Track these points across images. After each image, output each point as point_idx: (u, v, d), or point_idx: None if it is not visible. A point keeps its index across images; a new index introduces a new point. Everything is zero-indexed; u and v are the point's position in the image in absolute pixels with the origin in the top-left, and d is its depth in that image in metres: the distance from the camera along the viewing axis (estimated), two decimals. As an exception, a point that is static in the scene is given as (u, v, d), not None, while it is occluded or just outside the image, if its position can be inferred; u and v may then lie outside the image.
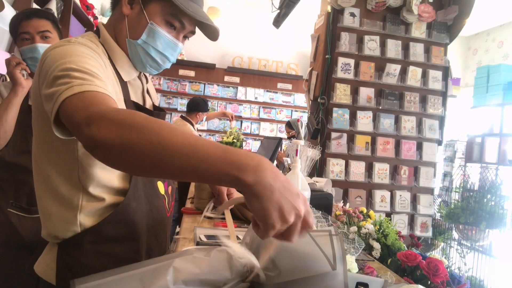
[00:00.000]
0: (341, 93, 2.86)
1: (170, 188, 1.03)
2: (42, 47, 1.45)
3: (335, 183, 2.74)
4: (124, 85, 0.88)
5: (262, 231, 0.55)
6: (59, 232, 0.83)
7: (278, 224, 0.53)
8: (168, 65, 0.95)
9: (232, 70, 5.68)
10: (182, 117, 3.64)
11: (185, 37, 0.95)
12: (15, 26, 1.47)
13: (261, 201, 0.52)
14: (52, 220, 0.83)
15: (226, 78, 5.75)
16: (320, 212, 1.16)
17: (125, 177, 0.86)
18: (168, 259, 0.73)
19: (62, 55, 0.73)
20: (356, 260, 1.08)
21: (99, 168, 0.81)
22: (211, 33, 0.95)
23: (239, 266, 0.75)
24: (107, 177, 0.83)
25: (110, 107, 0.63)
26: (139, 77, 0.97)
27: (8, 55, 2.08)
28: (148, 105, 1.00)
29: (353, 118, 2.89)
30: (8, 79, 2.04)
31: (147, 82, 1.02)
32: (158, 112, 0.96)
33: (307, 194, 1.28)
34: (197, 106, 3.62)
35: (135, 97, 0.93)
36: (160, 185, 0.97)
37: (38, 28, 1.46)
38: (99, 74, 0.73)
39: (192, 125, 3.55)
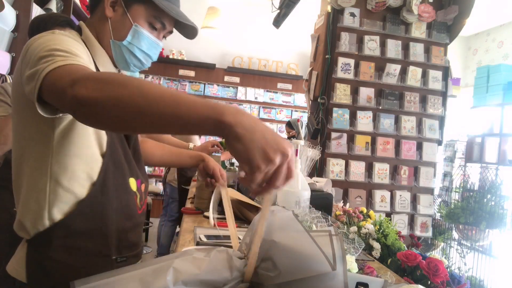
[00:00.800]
0: (341, 93, 2.86)
1: (143, 186, 1.02)
2: None
3: (335, 183, 2.74)
4: None
5: (249, 177, 0.53)
6: (28, 224, 0.83)
7: (264, 165, 0.51)
8: (149, 64, 0.99)
9: (232, 70, 5.68)
10: None
11: (164, 36, 0.99)
12: (46, 29, 1.48)
13: (244, 142, 0.51)
14: (23, 211, 0.85)
15: (226, 78, 5.75)
16: (320, 212, 1.16)
17: (97, 169, 0.86)
18: (168, 259, 0.73)
19: (47, 41, 0.75)
20: (356, 260, 1.08)
21: (73, 157, 0.82)
22: (189, 32, 0.99)
23: (239, 266, 0.75)
24: (80, 168, 0.83)
25: (93, 71, 0.68)
26: None
27: (8, 55, 2.08)
28: None
29: (353, 118, 2.89)
30: (10, 79, 2.04)
31: None
32: None
33: (307, 194, 1.28)
34: None
35: None
36: (132, 182, 0.96)
37: None
38: (83, 57, 0.75)
39: None
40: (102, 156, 0.86)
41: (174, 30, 1.00)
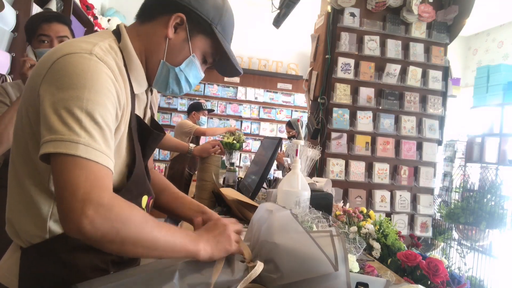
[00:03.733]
0: (341, 93, 2.86)
1: (151, 201, 0.99)
2: None
3: (335, 183, 2.74)
4: (133, 97, 0.85)
5: (229, 249, 0.80)
6: (24, 234, 0.78)
7: (232, 244, 0.81)
8: (183, 93, 0.96)
9: (232, 70, 5.68)
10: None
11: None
12: (34, 27, 1.48)
13: (218, 247, 0.79)
14: (20, 220, 0.79)
15: (226, 78, 5.75)
16: (320, 212, 1.16)
17: (116, 187, 0.82)
18: (171, 263, 0.74)
19: (82, 78, 0.68)
20: (356, 260, 1.08)
21: None
22: (231, 72, 0.99)
23: (241, 269, 0.76)
24: None
25: (109, 201, 0.65)
26: (146, 91, 0.95)
27: (8, 55, 2.08)
28: (147, 119, 0.99)
29: (353, 118, 2.89)
30: (10, 79, 2.04)
31: (151, 94, 1.01)
32: (159, 133, 0.95)
33: (307, 194, 1.28)
34: (191, 107, 4.18)
35: (138, 110, 0.91)
36: (144, 199, 0.93)
37: (58, 33, 1.49)
38: (110, 125, 0.71)
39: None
40: (125, 177, 0.84)
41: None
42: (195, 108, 4.15)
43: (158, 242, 0.69)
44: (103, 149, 0.68)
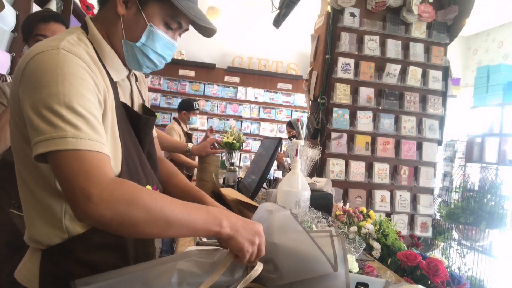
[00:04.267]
0: (341, 93, 2.86)
1: (158, 191, 0.97)
2: None
3: (335, 183, 2.74)
4: (114, 85, 0.84)
5: (242, 258, 0.76)
6: (43, 237, 0.79)
7: (250, 247, 0.75)
8: (163, 66, 0.93)
9: (232, 70, 5.68)
10: (174, 118, 4.04)
11: (179, 35, 0.93)
12: (30, 27, 1.47)
13: (236, 240, 0.74)
14: (36, 225, 0.79)
15: (226, 78, 5.75)
16: (320, 212, 1.16)
17: None
18: (171, 260, 0.74)
19: (53, 74, 0.69)
20: (356, 260, 1.08)
21: None
22: (206, 31, 0.93)
23: (240, 269, 0.77)
24: None
25: (110, 183, 0.67)
26: (128, 77, 0.94)
27: (8, 55, 2.08)
28: (137, 105, 0.97)
29: (353, 118, 2.89)
30: (10, 79, 2.04)
31: (136, 80, 1.00)
32: (147, 116, 0.94)
33: (307, 194, 1.28)
34: (181, 105, 4.00)
35: (124, 98, 0.90)
36: (148, 188, 0.92)
37: (55, 33, 1.48)
38: (93, 112, 0.71)
39: (179, 123, 3.87)
40: (119, 166, 0.82)
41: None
42: (185, 107, 3.91)
43: (171, 219, 0.69)
44: (91, 136, 0.69)
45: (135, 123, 0.90)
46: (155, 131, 1.12)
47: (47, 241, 0.79)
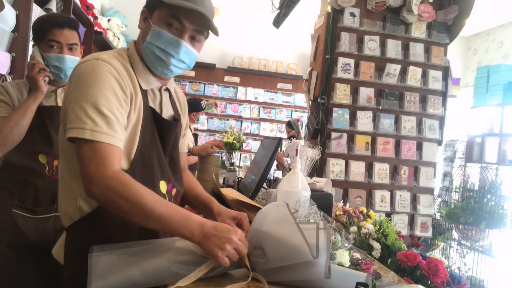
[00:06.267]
0: (341, 93, 2.86)
1: (174, 190, 1.08)
2: (69, 58, 1.50)
3: (335, 183, 2.74)
4: (144, 92, 1.00)
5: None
6: (65, 215, 0.97)
7: (220, 252, 0.82)
8: (176, 64, 1.01)
9: (232, 70, 5.68)
10: None
11: (193, 38, 1.01)
12: (44, 30, 1.47)
13: (206, 247, 0.83)
14: (61, 203, 0.98)
15: (226, 78, 5.75)
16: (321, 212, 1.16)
17: (125, 168, 0.94)
18: (171, 241, 0.87)
19: (88, 79, 0.88)
20: (356, 258, 1.09)
21: None
22: (211, 28, 1.02)
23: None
24: None
25: (111, 173, 0.84)
26: (159, 89, 1.07)
27: (8, 55, 2.08)
28: (167, 114, 1.10)
29: (353, 118, 2.89)
30: (10, 79, 2.04)
31: (170, 96, 1.14)
32: (169, 120, 1.08)
33: (307, 194, 1.28)
34: (190, 107, 3.79)
35: (153, 104, 1.04)
36: (163, 184, 1.02)
37: (69, 40, 1.50)
38: (114, 112, 0.88)
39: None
40: (131, 159, 0.95)
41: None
42: (194, 109, 3.82)
43: (153, 214, 0.83)
44: (106, 131, 0.86)
45: (159, 126, 1.03)
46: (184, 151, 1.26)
47: (68, 218, 0.95)
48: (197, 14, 0.96)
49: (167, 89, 1.11)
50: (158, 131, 1.03)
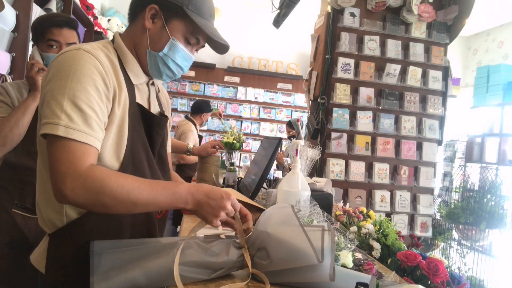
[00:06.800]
0: (341, 93, 2.86)
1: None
2: None
3: (335, 183, 2.74)
4: (131, 87, 0.95)
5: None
6: (48, 221, 0.89)
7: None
8: (180, 75, 1.04)
9: (232, 70, 5.68)
10: (186, 117, 3.86)
11: (196, 50, 1.05)
12: (44, 30, 1.48)
13: (200, 214, 0.87)
14: (43, 209, 0.90)
15: (226, 78, 5.75)
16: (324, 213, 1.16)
17: (114, 166, 0.90)
18: (176, 240, 0.85)
19: (67, 70, 0.80)
20: (356, 259, 1.08)
21: None
22: (220, 48, 1.04)
23: (235, 255, 0.85)
24: None
25: (84, 171, 0.76)
26: (147, 84, 1.04)
27: (8, 55, 2.08)
28: (154, 110, 1.06)
29: (353, 118, 2.89)
30: (10, 79, 2.04)
31: (158, 91, 1.12)
32: (159, 116, 1.03)
33: (307, 194, 1.28)
34: (200, 108, 3.85)
35: (141, 100, 0.99)
36: None
37: (68, 39, 1.50)
38: (94, 107, 0.80)
39: (195, 125, 3.74)
40: (121, 160, 0.89)
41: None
42: (204, 110, 3.86)
43: (140, 200, 0.79)
44: (81, 129, 0.78)
45: (148, 122, 0.98)
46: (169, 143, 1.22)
47: (51, 225, 0.88)
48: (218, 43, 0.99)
49: (154, 84, 1.08)
50: (146, 128, 0.98)
